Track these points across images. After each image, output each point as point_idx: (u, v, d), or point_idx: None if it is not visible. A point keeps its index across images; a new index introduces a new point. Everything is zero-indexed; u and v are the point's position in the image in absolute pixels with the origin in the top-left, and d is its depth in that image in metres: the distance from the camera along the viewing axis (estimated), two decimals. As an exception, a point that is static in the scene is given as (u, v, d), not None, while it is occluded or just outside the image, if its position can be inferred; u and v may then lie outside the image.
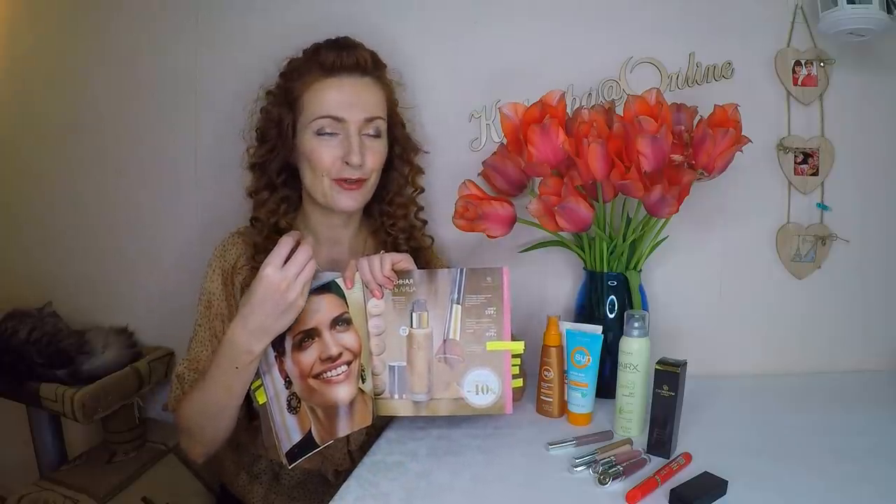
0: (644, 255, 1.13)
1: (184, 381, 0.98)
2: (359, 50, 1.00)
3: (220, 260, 1.02)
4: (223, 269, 1.02)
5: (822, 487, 0.81)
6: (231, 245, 1.04)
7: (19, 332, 1.19)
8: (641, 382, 0.96)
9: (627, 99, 1.04)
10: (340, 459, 1.05)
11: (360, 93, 0.99)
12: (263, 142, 1.03)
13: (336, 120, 0.96)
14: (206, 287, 1.02)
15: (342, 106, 0.96)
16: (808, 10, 1.18)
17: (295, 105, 0.99)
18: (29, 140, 1.41)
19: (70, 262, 1.41)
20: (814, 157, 1.21)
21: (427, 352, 0.93)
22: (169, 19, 1.30)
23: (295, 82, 0.99)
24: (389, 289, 0.93)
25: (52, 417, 1.27)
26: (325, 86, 0.97)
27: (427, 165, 1.24)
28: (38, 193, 1.42)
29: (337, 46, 0.99)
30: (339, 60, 0.97)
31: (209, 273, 1.02)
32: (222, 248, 1.04)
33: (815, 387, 1.19)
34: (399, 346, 0.93)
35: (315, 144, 0.97)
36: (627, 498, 0.78)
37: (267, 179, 1.03)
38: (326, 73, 0.97)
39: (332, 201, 0.99)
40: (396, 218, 1.09)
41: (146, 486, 1.22)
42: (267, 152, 1.02)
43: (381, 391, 0.94)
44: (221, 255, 1.03)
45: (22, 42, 1.38)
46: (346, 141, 0.97)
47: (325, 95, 0.97)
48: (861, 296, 1.25)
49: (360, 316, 0.93)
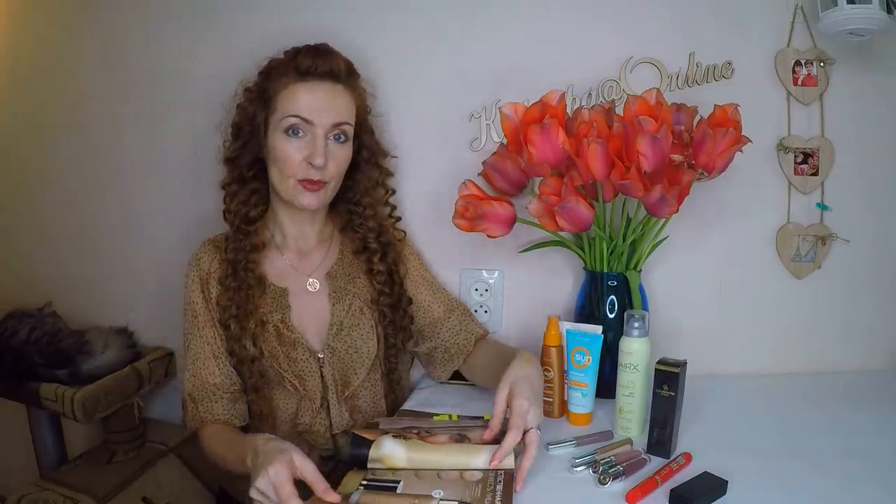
0: (644, 255, 1.13)
1: (196, 399, 1.04)
2: (335, 58, 1.04)
3: (196, 269, 1.08)
4: (200, 278, 1.07)
5: (822, 487, 0.82)
6: (203, 253, 1.09)
7: (19, 332, 1.19)
8: (641, 382, 0.96)
9: (627, 99, 1.04)
10: (324, 444, 1.07)
11: (330, 98, 1.02)
12: (237, 137, 1.07)
13: (304, 121, 1.00)
14: (189, 298, 1.07)
15: (312, 109, 1.00)
16: (808, 10, 1.18)
17: (269, 103, 1.03)
18: (27, 140, 1.41)
19: (70, 262, 1.41)
20: (814, 157, 1.21)
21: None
22: (164, 19, 1.29)
23: (271, 82, 1.03)
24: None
25: (52, 417, 1.27)
26: (298, 88, 1.01)
27: (427, 165, 1.24)
28: (38, 194, 1.42)
29: (315, 52, 1.02)
30: (315, 66, 1.01)
31: (188, 284, 1.08)
32: (196, 258, 1.09)
33: (815, 387, 1.19)
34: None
35: (283, 143, 1.01)
36: (627, 498, 0.78)
37: (238, 173, 1.07)
38: (301, 77, 1.01)
39: (295, 199, 1.03)
40: (365, 217, 1.12)
41: (146, 486, 1.22)
42: (240, 147, 1.06)
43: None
44: (196, 265, 1.08)
45: (21, 42, 1.38)
46: (311, 143, 1.00)
47: (297, 97, 1.00)
48: (861, 296, 1.25)
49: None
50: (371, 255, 1.11)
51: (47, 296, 1.33)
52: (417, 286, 1.15)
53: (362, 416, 1.09)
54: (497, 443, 0.84)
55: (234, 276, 1.04)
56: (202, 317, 1.06)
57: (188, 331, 1.07)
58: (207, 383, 1.04)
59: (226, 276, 1.04)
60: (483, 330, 1.17)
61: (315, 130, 1.00)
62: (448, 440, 0.87)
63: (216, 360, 1.05)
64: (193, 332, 1.06)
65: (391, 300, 1.11)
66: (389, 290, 1.11)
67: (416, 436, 0.88)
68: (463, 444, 0.86)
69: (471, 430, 0.91)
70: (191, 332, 1.06)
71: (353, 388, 1.07)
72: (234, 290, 1.03)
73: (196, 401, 1.04)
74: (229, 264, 1.05)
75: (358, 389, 1.08)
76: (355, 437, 0.87)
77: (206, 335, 1.05)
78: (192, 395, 1.04)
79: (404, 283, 1.14)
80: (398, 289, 1.12)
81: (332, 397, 1.05)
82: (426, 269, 1.20)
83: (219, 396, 1.04)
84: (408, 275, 1.15)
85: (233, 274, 1.04)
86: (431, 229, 1.25)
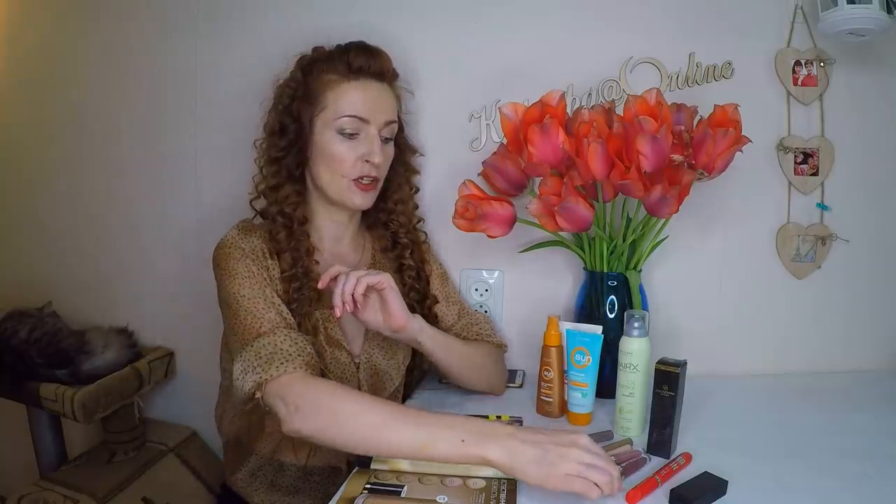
0: (644, 255, 1.12)
1: (261, 356, 0.86)
2: (384, 57, 1.05)
3: (238, 249, 0.97)
4: (252, 252, 0.97)
5: (822, 487, 0.81)
6: (241, 235, 0.99)
7: (19, 332, 1.19)
8: (641, 382, 0.95)
9: (627, 99, 1.04)
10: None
11: (381, 97, 1.03)
12: (282, 136, 1.03)
13: (361, 120, 1.00)
14: (239, 265, 0.95)
15: (367, 108, 1.00)
16: (808, 10, 1.18)
17: (315, 101, 1.00)
18: (29, 140, 1.41)
19: (70, 262, 1.42)
20: (814, 157, 1.21)
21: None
22: (167, 19, 1.30)
23: (316, 79, 1.01)
24: (351, 311, 0.91)
25: (52, 417, 1.27)
26: (350, 87, 1.00)
27: (427, 165, 1.24)
28: (38, 193, 1.42)
29: (366, 51, 1.02)
30: (368, 65, 1.01)
31: (233, 255, 0.96)
32: (231, 239, 0.98)
33: (815, 387, 1.19)
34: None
35: (337, 143, 1.00)
36: (627, 498, 0.78)
37: (287, 173, 1.03)
38: (352, 75, 1.00)
39: (347, 199, 1.02)
40: (396, 214, 1.13)
41: (146, 486, 1.22)
42: (286, 146, 1.02)
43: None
44: (235, 244, 0.97)
45: (22, 42, 1.38)
46: (367, 141, 1.01)
47: (350, 96, 1.00)
48: (861, 296, 1.25)
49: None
50: (402, 251, 1.12)
51: (47, 296, 1.33)
52: (436, 293, 1.16)
53: None
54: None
55: (295, 277, 0.98)
56: (258, 278, 0.94)
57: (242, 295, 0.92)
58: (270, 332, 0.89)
59: (289, 276, 0.97)
60: (495, 339, 1.15)
61: (370, 129, 1.00)
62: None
63: (276, 309, 0.92)
64: (252, 293, 0.92)
65: (419, 296, 1.12)
66: (418, 286, 1.12)
67: None
68: None
69: None
70: (245, 295, 0.92)
71: (387, 395, 1.07)
72: (297, 290, 0.97)
73: (262, 355, 0.86)
74: (291, 265, 0.98)
75: (391, 396, 1.08)
76: None
77: (270, 295, 0.93)
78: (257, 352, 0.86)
79: (430, 282, 1.15)
80: (425, 286, 1.13)
81: None
82: (447, 279, 1.20)
83: (285, 335, 0.89)
84: (431, 276, 1.16)
85: (294, 275, 0.98)
86: (431, 229, 1.25)
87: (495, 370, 1.13)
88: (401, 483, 0.81)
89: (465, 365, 1.07)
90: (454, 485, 0.80)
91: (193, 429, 1.39)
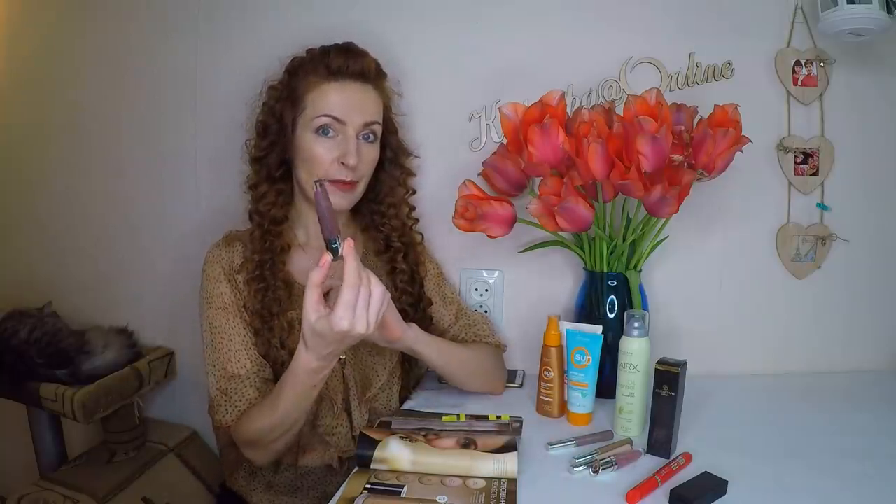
0: (644, 255, 1.13)
1: (227, 392, 0.97)
2: (365, 58, 1.03)
3: (217, 264, 1.02)
4: (224, 271, 1.02)
5: (822, 487, 0.81)
6: (223, 248, 1.04)
7: (19, 332, 1.19)
8: (641, 382, 0.96)
9: (627, 99, 1.04)
10: (346, 445, 1.06)
11: (361, 98, 1.02)
12: (264, 136, 1.05)
13: (336, 121, 0.99)
14: (213, 291, 1.01)
15: (344, 108, 0.99)
16: (808, 10, 1.18)
17: (297, 102, 1.01)
18: (28, 140, 1.41)
19: (70, 261, 1.41)
20: (814, 157, 1.21)
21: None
22: (167, 19, 1.30)
23: (299, 81, 1.02)
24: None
25: (52, 417, 1.27)
26: (329, 88, 1.00)
27: (427, 165, 1.24)
28: (38, 193, 1.42)
29: (346, 52, 1.02)
30: (346, 66, 1.00)
31: (209, 278, 1.02)
32: (215, 253, 1.04)
33: (815, 387, 1.19)
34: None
35: (314, 143, 1.00)
36: (627, 498, 0.78)
37: (266, 172, 1.05)
38: (332, 76, 1.00)
39: None
40: (388, 217, 1.13)
41: (146, 486, 1.22)
42: (267, 146, 1.05)
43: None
44: (217, 260, 1.03)
45: (22, 42, 1.38)
46: (343, 142, 1.00)
47: (328, 97, 1.00)
48: (861, 296, 1.25)
49: None
50: (394, 254, 1.11)
51: (47, 296, 1.33)
52: (432, 294, 1.16)
53: (380, 418, 1.08)
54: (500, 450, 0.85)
55: (261, 278, 1.00)
56: (231, 308, 1.00)
57: (213, 325, 1.00)
58: (238, 375, 0.97)
59: (253, 277, 1.00)
60: (493, 339, 1.16)
61: (347, 130, 1.00)
62: (454, 445, 0.87)
63: (247, 352, 0.99)
64: (221, 326, 0.99)
65: (412, 300, 1.11)
66: (411, 289, 1.11)
67: (423, 438, 0.88)
68: (467, 451, 0.86)
69: (479, 436, 0.91)
70: (216, 327, 0.99)
71: (374, 392, 1.07)
72: (263, 291, 1.00)
73: (228, 393, 0.97)
74: (257, 265, 1.01)
75: (378, 393, 1.08)
76: (363, 437, 0.88)
77: (236, 325, 0.99)
78: (223, 389, 0.97)
79: (424, 284, 1.14)
80: (419, 289, 1.12)
81: (353, 399, 1.05)
82: (443, 280, 1.20)
83: (251, 382, 0.97)
84: (427, 277, 1.16)
85: (260, 276, 1.00)
86: (431, 229, 1.24)
87: (494, 371, 1.13)
88: (401, 483, 0.81)
89: (464, 369, 1.07)
90: (454, 485, 0.80)
91: (193, 429, 1.39)
